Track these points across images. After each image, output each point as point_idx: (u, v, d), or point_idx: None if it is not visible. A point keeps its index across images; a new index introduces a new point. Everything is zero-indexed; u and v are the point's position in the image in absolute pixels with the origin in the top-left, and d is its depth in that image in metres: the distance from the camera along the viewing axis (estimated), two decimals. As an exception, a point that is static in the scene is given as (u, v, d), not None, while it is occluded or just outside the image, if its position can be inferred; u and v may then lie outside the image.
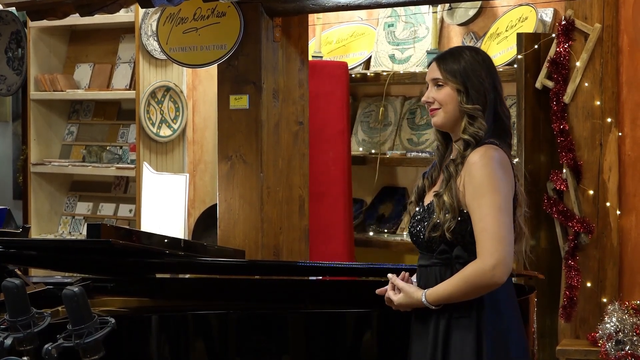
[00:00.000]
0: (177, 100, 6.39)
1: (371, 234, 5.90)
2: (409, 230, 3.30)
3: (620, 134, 4.81)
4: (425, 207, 3.24)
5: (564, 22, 4.80)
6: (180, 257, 4.26)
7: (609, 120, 4.78)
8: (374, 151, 5.90)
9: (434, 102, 3.24)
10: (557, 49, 4.80)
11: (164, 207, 5.75)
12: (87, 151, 6.71)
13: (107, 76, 6.65)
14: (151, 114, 6.25)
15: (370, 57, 5.98)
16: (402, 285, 3.23)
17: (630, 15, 4.76)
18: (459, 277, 3.10)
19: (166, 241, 4.30)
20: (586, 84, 4.78)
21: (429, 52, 5.64)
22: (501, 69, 5.10)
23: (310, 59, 5.54)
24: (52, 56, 6.86)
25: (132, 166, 6.35)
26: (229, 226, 5.14)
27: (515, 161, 4.06)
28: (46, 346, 2.93)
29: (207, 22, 5.07)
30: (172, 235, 5.23)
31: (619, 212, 4.81)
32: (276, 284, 4.43)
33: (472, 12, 5.58)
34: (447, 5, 5.48)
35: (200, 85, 6.52)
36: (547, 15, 5.28)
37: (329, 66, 5.82)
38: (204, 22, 5.08)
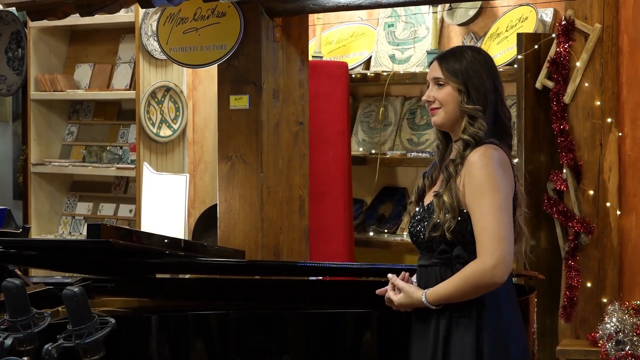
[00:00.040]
0: (177, 100, 6.39)
1: (371, 234, 5.90)
2: (409, 230, 3.29)
3: (620, 134, 4.81)
4: (425, 207, 3.24)
5: (564, 22, 4.80)
6: (180, 257, 4.26)
7: (609, 120, 4.77)
8: (374, 151, 5.90)
9: (434, 101, 3.23)
10: (557, 49, 4.80)
11: (164, 207, 5.75)
12: (87, 151, 6.70)
13: (107, 76, 6.65)
14: (151, 114, 6.24)
15: (370, 57, 5.98)
16: (402, 285, 3.22)
17: (630, 15, 4.76)
18: (459, 277, 3.09)
19: (166, 241, 4.30)
20: (586, 84, 4.78)
21: (429, 52, 5.64)
22: (501, 69, 5.09)
23: (310, 59, 5.54)
24: (52, 56, 6.86)
25: (132, 166, 6.34)
26: (229, 226, 5.14)
27: (515, 161, 4.05)
28: (46, 346, 2.93)
29: (207, 22, 5.07)
30: (172, 235, 5.23)
31: (619, 212, 4.81)
32: (276, 284, 4.43)
33: (472, 12, 5.58)
34: (447, 5, 5.48)
35: (200, 85, 6.52)
36: (547, 15, 5.28)
37: (329, 66, 5.81)
38: (204, 22, 5.08)
